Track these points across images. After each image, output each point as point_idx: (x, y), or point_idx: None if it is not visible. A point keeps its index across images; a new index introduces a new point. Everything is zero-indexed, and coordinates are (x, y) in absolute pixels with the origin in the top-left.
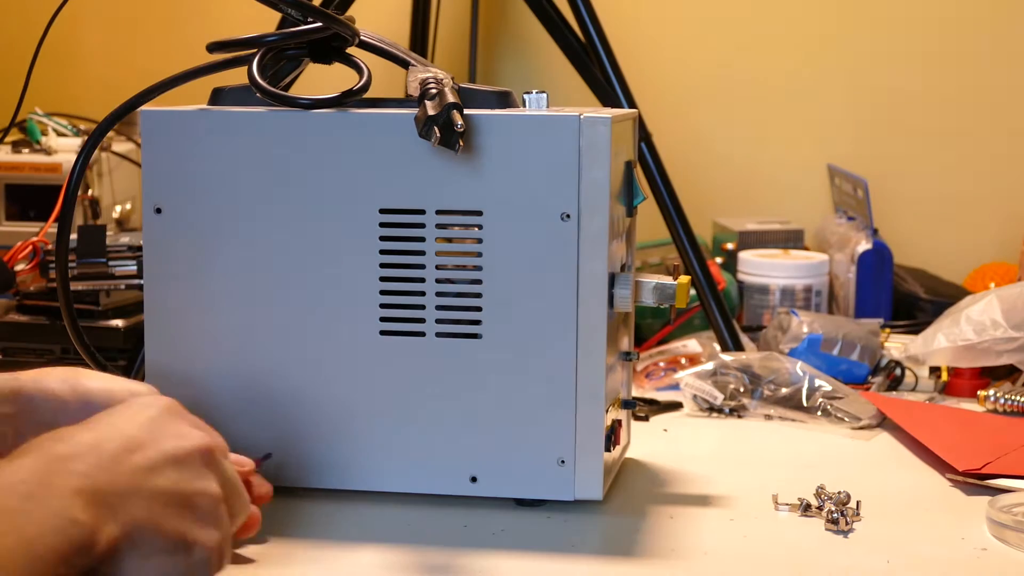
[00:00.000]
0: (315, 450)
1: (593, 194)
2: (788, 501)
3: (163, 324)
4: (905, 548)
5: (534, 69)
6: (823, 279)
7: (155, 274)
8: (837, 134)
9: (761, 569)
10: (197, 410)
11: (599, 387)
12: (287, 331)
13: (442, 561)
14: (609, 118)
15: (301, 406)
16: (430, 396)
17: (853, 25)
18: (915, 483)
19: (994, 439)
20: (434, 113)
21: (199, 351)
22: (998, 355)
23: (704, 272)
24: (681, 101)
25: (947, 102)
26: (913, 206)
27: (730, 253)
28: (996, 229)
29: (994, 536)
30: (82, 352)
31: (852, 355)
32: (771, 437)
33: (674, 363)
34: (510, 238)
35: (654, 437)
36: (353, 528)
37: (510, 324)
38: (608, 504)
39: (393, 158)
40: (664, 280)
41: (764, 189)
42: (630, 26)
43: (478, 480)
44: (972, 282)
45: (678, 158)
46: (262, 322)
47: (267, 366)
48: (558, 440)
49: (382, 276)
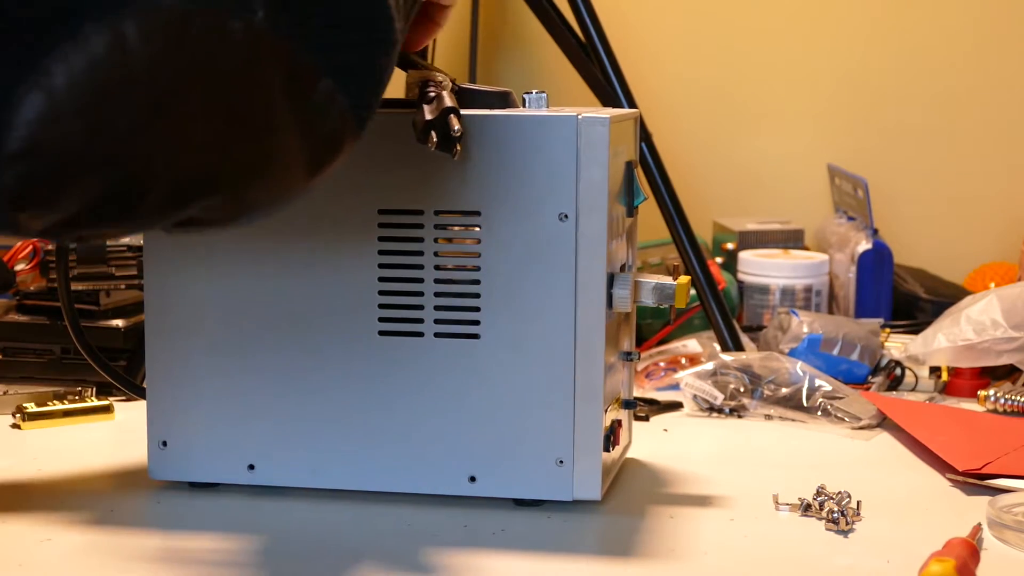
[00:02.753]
0: (314, 450)
1: (592, 194)
2: (788, 501)
3: (163, 324)
4: (905, 548)
5: (534, 69)
6: (823, 279)
7: (155, 274)
8: (837, 134)
9: (761, 569)
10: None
11: (598, 387)
12: (287, 331)
13: (442, 561)
14: (608, 118)
15: (300, 406)
16: (429, 396)
17: (853, 25)
18: (915, 483)
19: (994, 439)
20: (431, 118)
21: (198, 352)
22: (998, 355)
23: (704, 272)
24: (681, 101)
25: (948, 102)
26: (913, 206)
27: (730, 253)
28: (996, 229)
29: (994, 536)
30: (83, 352)
31: (852, 355)
32: (771, 437)
33: (674, 363)
34: (509, 238)
35: (654, 437)
36: (352, 528)
37: (509, 324)
38: (608, 504)
39: (392, 159)
40: (664, 280)
41: (764, 189)
42: (630, 26)
43: (477, 480)
44: (972, 282)
45: (678, 158)
46: (262, 322)
47: (267, 366)
48: (557, 440)
49: (381, 276)
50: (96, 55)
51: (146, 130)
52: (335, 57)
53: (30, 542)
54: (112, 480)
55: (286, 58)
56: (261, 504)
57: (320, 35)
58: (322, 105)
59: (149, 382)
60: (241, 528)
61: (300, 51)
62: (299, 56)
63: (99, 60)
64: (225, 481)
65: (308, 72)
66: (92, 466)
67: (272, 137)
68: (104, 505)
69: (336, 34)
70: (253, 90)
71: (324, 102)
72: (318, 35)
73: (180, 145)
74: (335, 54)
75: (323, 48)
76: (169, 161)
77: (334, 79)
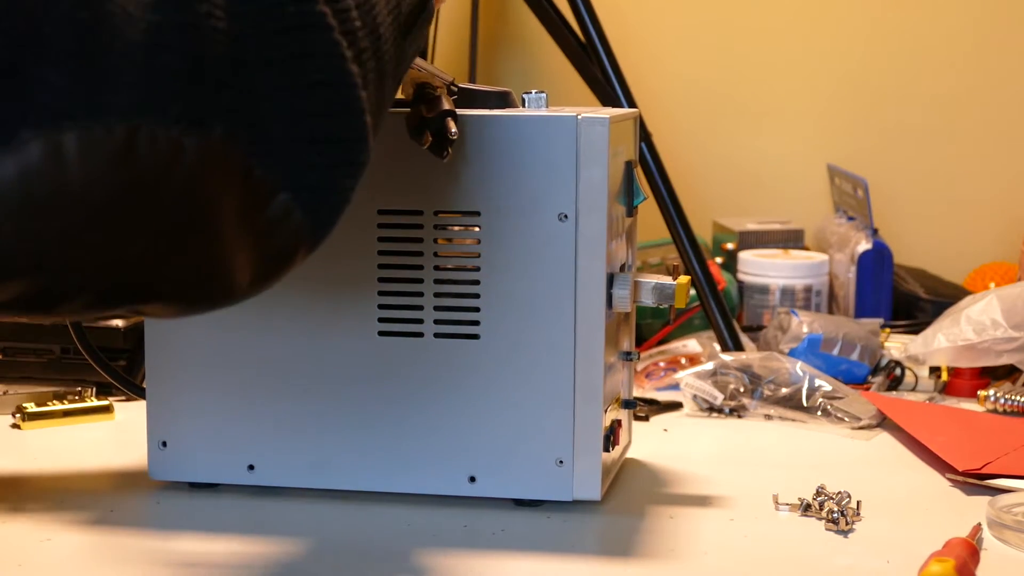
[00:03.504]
0: (314, 450)
1: (591, 194)
2: (788, 501)
3: (163, 324)
4: (905, 548)
5: (534, 69)
6: (823, 279)
7: None
8: (837, 134)
9: (761, 569)
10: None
11: (597, 387)
12: (286, 331)
13: (441, 561)
14: (607, 118)
15: (300, 406)
16: (428, 396)
17: (853, 25)
18: (915, 483)
19: (994, 439)
20: (428, 116)
21: (198, 351)
22: (998, 355)
23: (704, 272)
24: (681, 101)
25: (948, 102)
26: (913, 206)
27: (730, 253)
28: (996, 229)
29: (994, 536)
30: (84, 352)
31: (852, 355)
32: (771, 437)
33: (674, 363)
34: (508, 238)
35: (654, 437)
36: (352, 528)
37: (508, 324)
38: (608, 504)
39: (392, 159)
40: (663, 280)
41: (764, 189)
42: (630, 26)
43: (477, 480)
44: (972, 282)
45: (678, 158)
46: (261, 322)
47: (267, 366)
48: (556, 440)
49: (381, 277)
50: (30, 163)
51: (78, 243)
52: (296, 174)
53: (30, 542)
54: (112, 480)
55: (241, 175)
56: (261, 504)
57: (282, 150)
58: (276, 221)
59: (149, 382)
60: (241, 528)
61: (258, 167)
62: (256, 172)
63: (33, 169)
64: (225, 481)
65: (264, 187)
66: (92, 466)
67: (215, 253)
68: (104, 505)
69: (301, 151)
70: (200, 208)
71: (278, 218)
72: (280, 150)
73: (114, 259)
74: (296, 171)
75: (284, 164)
76: (100, 272)
77: (292, 195)
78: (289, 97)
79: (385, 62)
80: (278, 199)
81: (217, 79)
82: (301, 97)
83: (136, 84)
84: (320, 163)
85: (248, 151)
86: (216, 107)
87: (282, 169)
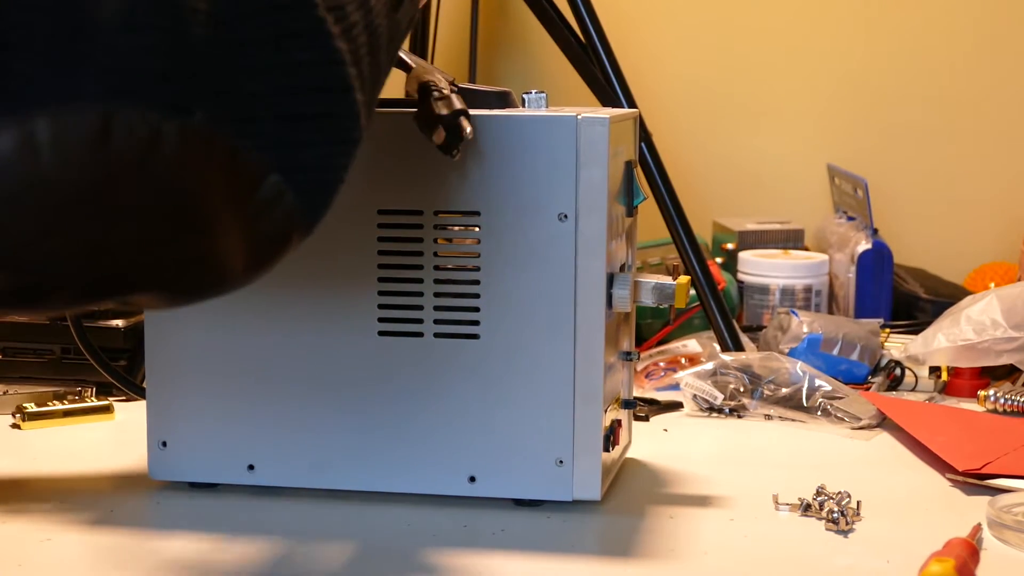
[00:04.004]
0: (314, 450)
1: (591, 194)
2: (788, 501)
3: (163, 324)
4: (905, 548)
5: (534, 69)
6: (823, 279)
7: None
8: (837, 134)
9: (761, 569)
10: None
11: (597, 387)
12: (286, 331)
13: (442, 561)
14: (607, 118)
15: (300, 406)
16: (428, 396)
17: (853, 25)
18: (915, 483)
19: (994, 439)
20: (443, 113)
21: (199, 351)
22: (998, 355)
23: (704, 272)
24: (681, 101)
25: (948, 102)
26: (913, 206)
27: (730, 253)
28: (996, 229)
29: (994, 536)
30: (84, 351)
31: (852, 355)
32: (771, 437)
33: (674, 363)
34: (508, 238)
35: (654, 437)
36: (352, 528)
37: (508, 324)
38: (608, 504)
39: (392, 159)
40: (663, 280)
41: (764, 189)
42: (630, 26)
43: (477, 480)
44: (972, 282)
45: (678, 158)
46: (261, 322)
47: (266, 366)
48: (556, 440)
49: (381, 277)
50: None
51: (55, 233)
52: (286, 155)
53: (30, 542)
54: (112, 480)
55: (227, 159)
56: (261, 504)
57: (270, 131)
58: (267, 204)
59: (149, 382)
60: (241, 528)
61: (245, 149)
62: (243, 155)
63: (3, 159)
64: (225, 481)
65: (253, 170)
66: (92, 466)
67: (203, 239)
68: (104, 505)
69: (289, 130)
70: (184, 194)
71: (270, 201)
72: (268, 131)
73: (94, 248)
74: (286, 152)
75: (273, 145)
76: (82, 263)
77: (283, 176)
78: (275, 77)
79: (378, 36)
80: (269, 181)
81: (197, 61)
82: (287, 76)
83: (110, 68)
84: (311, 142)
85: (234, 133)
86: (197, 90)
87: (271, 150)
